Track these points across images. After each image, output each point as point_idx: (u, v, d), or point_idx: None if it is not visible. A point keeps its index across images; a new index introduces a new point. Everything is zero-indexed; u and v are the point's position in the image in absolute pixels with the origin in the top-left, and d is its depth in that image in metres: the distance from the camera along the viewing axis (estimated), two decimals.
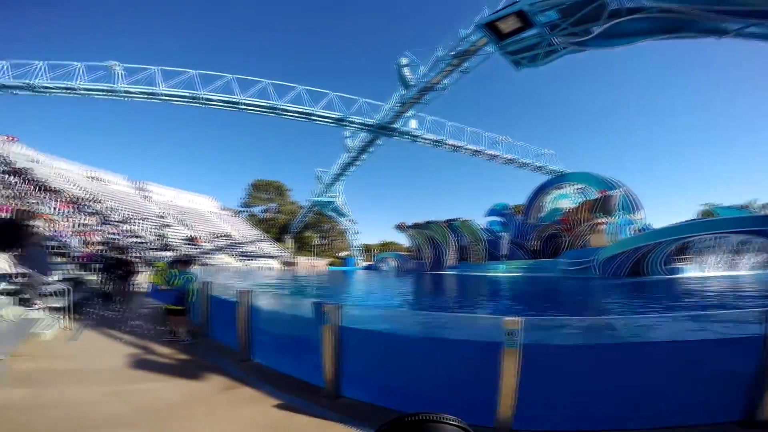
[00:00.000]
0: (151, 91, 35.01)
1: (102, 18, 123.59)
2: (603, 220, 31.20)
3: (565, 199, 38.80)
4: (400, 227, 46.04)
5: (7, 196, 15.44)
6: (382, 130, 43.79)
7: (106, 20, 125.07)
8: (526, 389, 2.75)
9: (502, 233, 40.69)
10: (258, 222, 69.79)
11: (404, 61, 39.00)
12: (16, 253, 6.54)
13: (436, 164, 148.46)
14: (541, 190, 40.49)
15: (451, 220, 41.13)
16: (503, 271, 34.64)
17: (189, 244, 36.82)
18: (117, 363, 4.36)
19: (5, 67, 31.59)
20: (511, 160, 52.86)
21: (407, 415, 0.44)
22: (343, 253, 66.76)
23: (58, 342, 5.15)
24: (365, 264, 59.78)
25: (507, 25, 20.05)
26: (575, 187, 38.47)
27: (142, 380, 3.90)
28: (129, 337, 5.70)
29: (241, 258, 43.59)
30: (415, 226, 43.76)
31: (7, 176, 19.72)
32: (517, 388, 2.73)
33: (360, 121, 42.96)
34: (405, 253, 51.79)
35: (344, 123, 43.08)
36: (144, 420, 2.91)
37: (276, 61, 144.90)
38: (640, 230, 29.40)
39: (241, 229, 55.94)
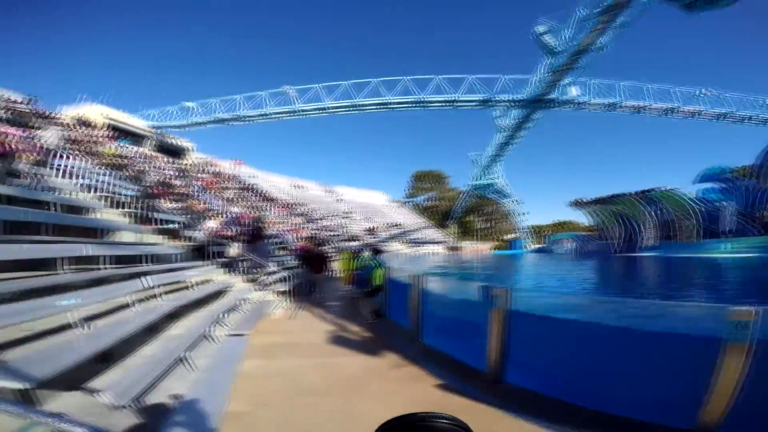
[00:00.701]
0: (320, 106, 41.99)
1: (274, 47, 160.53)
2: None
3: None
4: (577, 203, 39.97)
5: (245, 207, 21.39)
6: (536, 103, 39.46)
7: (278, 49, 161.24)
8: (747, 392, 2.32)
9: (723, 203, 30.34)
10: (422, 210, 73.74)
11: (541, 28, 34.76)
12: (248, 246, 8.99)
13: (613, 132, 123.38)
14: None
15: (646, 190, 33.09)
16: (728, 252, 26.09)
17: (369, 234, 42.32)
18: (319, 338, 5.45)
19: (217, 103, 43.24)
20: (721, 115, 38.73)
21: (407, 414, 0.45)
22: (509, 236, 63.32)
23: (282, 320, 6.81)
24: (536, 246, 55.11)
25: None
26: None
27: (335, 354, 4.78)
28: (328, 315, 7.03)
29: (411, 245, 47.21)
30: (598, 201, 37.10)
31: (242, 192, 27.29)
32: (737, 390, 2.34)
33: (507, 98, 40.08)
34: (585, 233, 44.90)
35: (490, 104, 41.26)
36: (334, 388, 3.59)
37: (410, 58, 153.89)
38: None
39: (409, 218, 60.46)
